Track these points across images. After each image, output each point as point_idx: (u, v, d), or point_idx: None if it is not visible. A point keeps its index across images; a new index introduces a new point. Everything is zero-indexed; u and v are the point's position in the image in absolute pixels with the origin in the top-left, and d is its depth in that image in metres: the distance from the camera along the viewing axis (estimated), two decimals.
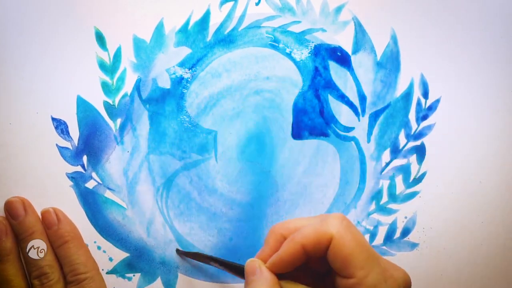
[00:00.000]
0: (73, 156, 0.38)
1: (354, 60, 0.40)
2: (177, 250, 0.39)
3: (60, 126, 0.38)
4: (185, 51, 0.39)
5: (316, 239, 0.30)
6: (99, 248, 0.39)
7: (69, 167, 0.38)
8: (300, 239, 0.31)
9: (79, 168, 0.38)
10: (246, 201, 0.40)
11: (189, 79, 0.39)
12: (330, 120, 0.40)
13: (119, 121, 0.39)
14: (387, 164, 0.41)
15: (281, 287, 0.32)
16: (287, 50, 0.40)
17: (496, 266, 0.41)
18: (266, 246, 0.33)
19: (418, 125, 0.41)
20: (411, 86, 0.41)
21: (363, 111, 0.41)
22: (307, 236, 0.30)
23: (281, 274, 0.32)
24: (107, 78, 0.38)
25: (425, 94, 0.41)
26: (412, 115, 0.41)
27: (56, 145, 0.38)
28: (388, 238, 0.41)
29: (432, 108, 0.41)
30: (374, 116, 0.41)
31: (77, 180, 0.39)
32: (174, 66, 0.39)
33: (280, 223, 0.34)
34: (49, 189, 0.38)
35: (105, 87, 0.38)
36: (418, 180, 0.41)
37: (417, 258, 0.41)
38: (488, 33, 0.41)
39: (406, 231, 0.41)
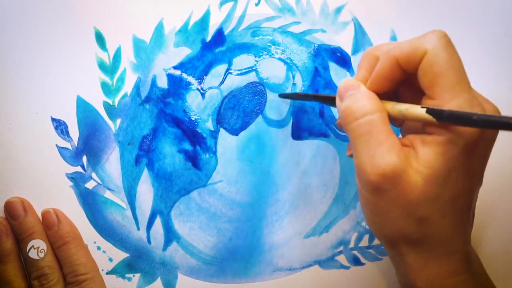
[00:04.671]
0: (72, 157, 0.38)
1: (354, 60, 0.40)
2: (280, 95, 0.39)
3: (60, 127, 0.38)
4: (185, 51, 0.39)
5: (410, 52, 0.28)
6: (99, 248, 0.39)
7: (69, 168, 0.38)
8: (394, 52, 0.29)
9: (78, 169, 0.39)
10: (246, 201, 0.40)
11: (188, 80, 0.39)
12: (330, 120, 0.40)
13: (118, 121, 0.39)
14: None
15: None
16: (287, 52, 0.40)
17: (495, 267, 0.41)
18: (360, 70, 0.32)
19: None
20: None
21: None
22: (401, 48, 0.29)
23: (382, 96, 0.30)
24: (106, 79, 0.38)
25: None
26: None
27: (56, 145, 0.38)
28: None
29: None
30: None
31: (76, 180, 0.39)
32: (174, 67, 0.39)
33: (372, 46, 0.32)
34: (49, 189, 0.38)
35: (105, 87, 0.38)
36: None
37: None
38: (488, 33, 0.41)
39: None
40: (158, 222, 0.39)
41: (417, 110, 0.28)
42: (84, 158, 0.39)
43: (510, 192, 0.42)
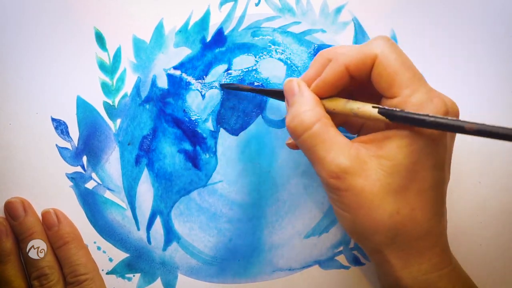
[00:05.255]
0: (73, 157, 0.38)
1: None
2: (221, 85, 0.39)
3: (60, 127, 0.38)
4: (185, 51, 0.39)
5: (360, 59, 0.29)
6: (99, 248, 0.39)
7: (69, 168, 0.38)
8: (344, 59, 0.30)
9: (79, 169, 0.39)
10: (246, 202, 0.40)
11: (188, 80, 0.39)
12: None
13: (118, 121, 0.39)
14: None
15: (324, 106, 0.31)
16: (287, 52, 0.40)
17: (495, 267, 0.41)
18: (310, 69, 0.33)
19: None
20: None
21: None
22: (351, 56, 0.30)
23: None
24: (107, 79, 0.38)
25: None
26: None
27: (56, 145, 0.38)
28: None
29: None
30: None
31: (77, 180, 0.39)
32: (174, 67, 0.39)
33: (326, 49, 0.33)
34: (49, 189, 0.38)
35: (105, 87, 0.38)
36: None
37: None
38: (489, 33, 0.41)
39: None
40: (158, 222, 0.39)
41: (368, 109, 0.29)
42: (84, 158, 0.39)
43: (510, 192, 0.42)
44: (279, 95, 0.35)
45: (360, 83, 0.31)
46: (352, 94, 0.33)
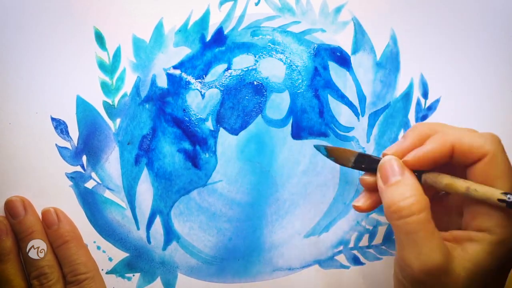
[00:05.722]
0: (72, 156, 0.38)
1: (354, 60, 0.40)
2: (316, 146, 0.38)
3: (60, 126, 0.38)
4: (185, 51, 0.39)
5: (470, 147, 0.30)
6: (98, 248, 0.39)
7: (69, 167, 0.38)
8: (453, 139, 0.30)
9: (78, 168, 0.39)
10: (245, 201, 0.40)
11: (188, 79, 0.39)
12: (329, 120, 0.40)
13: (118, 121, 0.39)
14: None
15: (435, 181, 0.31)
16: (286, 52, 0.40)
17: None
18: (404, 140, 0.32)
19: None
20: (410, 86, 0.41)
21: (363, 111, 0.41)
22: (461, 139, 0.30)
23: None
24: (106, 78, 0.38)
25: (425, 94, 0.41)
26: (411, 115, 0.41)
27: (56, 145, 0.38)
28: (388, 237, 0.41)
29: (431, 108, 0.41)
30: (374, 116, 0.41)
31: (76, 180, 0.39)
32: (173, 66, 0.39)
33: (424, 123, 0.33)
34: (49, 189, 0.38)
35: (105, 87, 0.38)
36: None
37: None
38: (489, 33, 0.41)
39: None
40: (158, 221, 0.39)
41: (490, 192, 0.29)
42: (84, 158, 0.39)
43: None
44: (371, 168, 0.34)
45: (453, 165, 0.31)
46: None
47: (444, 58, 0.41)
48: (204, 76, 0.39)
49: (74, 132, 0.38)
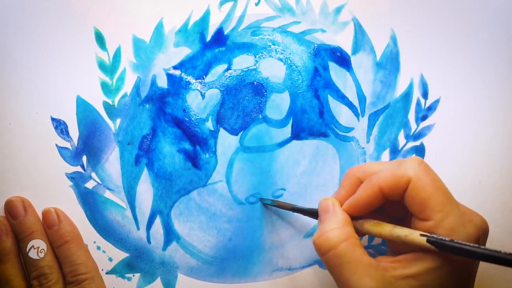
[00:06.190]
0: (72, 156, 0.38)
1: (354, 60, 0.40)
2: (261, 199, 0.40)
3: (60, 126, 0.38)
4: (185, 51, 0.39)
5: (394, 182, 0.30)
6: (98, 248, 0.39)
7: (69, 167, 0.38)
8: (377, 181, 0.31)
9: (78, 168, 0.39)
10: (245, 201, 0.40)
11: (188, 79, 0.39)
12: (329, 120, 0.40)
13: (118, 121, 0.39)
14: None
15: (354, 227, 0.32)
16: (286, 52, 0.40)
17: (494, 266, 0.41)
18: (341, 189, 0.33)
19: (418, 125, 0.41)
20: (410, 87, 0.41)
21: (363, 111, 0.41)
22: (384, 178, 0.31)
23: (355, 218, 0.32)
24: (106, 78, 0.38)
25: (425, 95, 0.41)
26: (411, 116, 0.41)
27: (56, 145, 0.38)
28: None
29: (431, 108, 0.41)
30: (374, 117, 0.41)
31: (76, 180, 0.39)
32: (173, 66, 0.39)
33: (356, 167, 0.34)
34: (49, 189, 0.38)
35: (105, 87, 0.38)
36: None
37: None
38: (488, 33, 0.41)
39: None
40: (158, 222, 0.39)
41: (416, 238, 0.29)
42: (84, 158, 0.39)
43: (510, 192, 0.42)
44: (313, 214, 0.35)
45: (391, 201, 0.32)
46: (383, 209, 0.34)
47: (444, 58, 0.41)
48: (204, 76, 0.39)
49: (74, 132, 0.38)
